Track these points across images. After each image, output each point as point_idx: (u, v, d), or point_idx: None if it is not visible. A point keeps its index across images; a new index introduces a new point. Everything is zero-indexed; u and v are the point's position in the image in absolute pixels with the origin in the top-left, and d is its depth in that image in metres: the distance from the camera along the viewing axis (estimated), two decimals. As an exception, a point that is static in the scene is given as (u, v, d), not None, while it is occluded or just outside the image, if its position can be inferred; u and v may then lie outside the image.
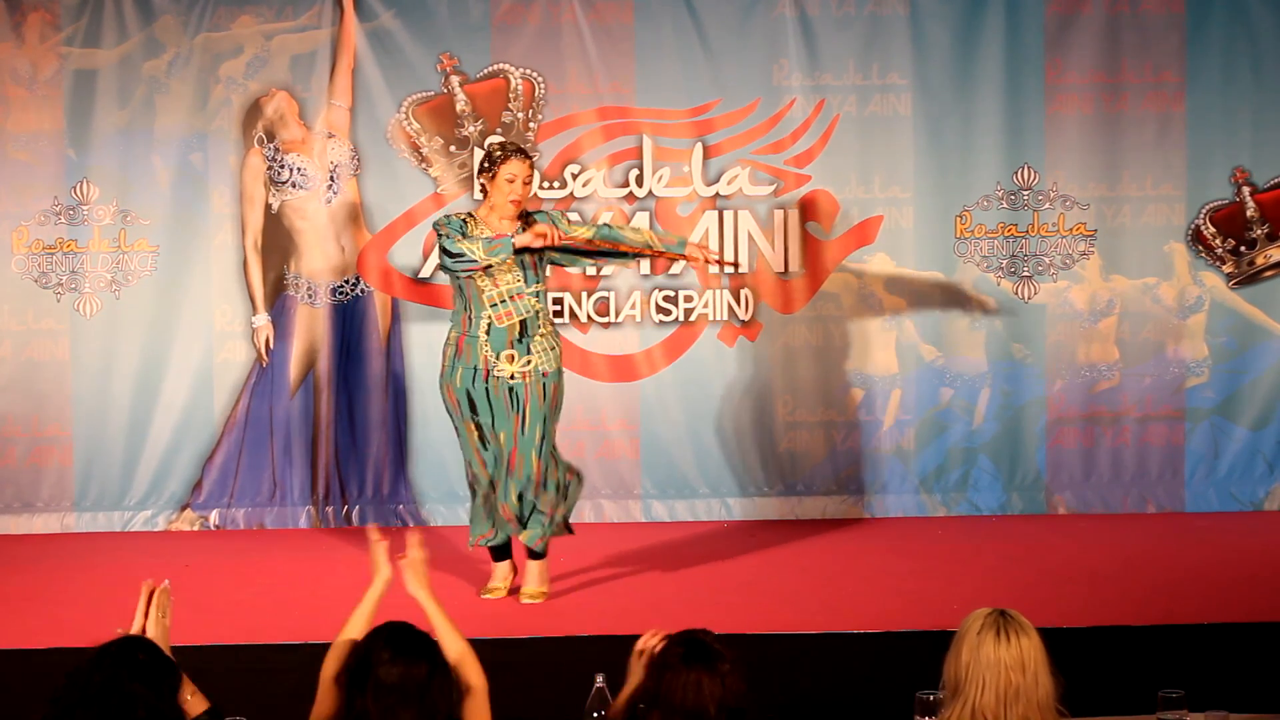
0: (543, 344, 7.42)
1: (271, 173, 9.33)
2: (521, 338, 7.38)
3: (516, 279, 7.37)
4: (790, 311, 9.44)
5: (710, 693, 4.10)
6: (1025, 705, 4.15)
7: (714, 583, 8.00)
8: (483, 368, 7.39)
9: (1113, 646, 6.68)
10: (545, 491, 7.47)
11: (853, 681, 6.51)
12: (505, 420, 7.41)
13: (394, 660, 4.10)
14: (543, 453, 7.43)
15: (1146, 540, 8.85)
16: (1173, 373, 9.54)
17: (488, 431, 7.43)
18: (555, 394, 7.47)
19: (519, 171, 7.39)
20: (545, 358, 7.43)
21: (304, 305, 9.38)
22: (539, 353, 7.42)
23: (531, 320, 7.38)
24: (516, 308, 7.37)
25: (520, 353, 7.39)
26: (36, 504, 9.37)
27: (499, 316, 7.37)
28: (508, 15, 9.37)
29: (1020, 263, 9.47)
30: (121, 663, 4.06)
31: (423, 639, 4.19)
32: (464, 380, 7.42)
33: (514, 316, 7.36)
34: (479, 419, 7.43)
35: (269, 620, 7.38)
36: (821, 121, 9.41)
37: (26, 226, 9.29)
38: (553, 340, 7.47)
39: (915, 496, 9.48)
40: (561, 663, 6.39)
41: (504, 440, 7.42)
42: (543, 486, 7.45)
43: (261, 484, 9.41)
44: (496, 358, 7.37)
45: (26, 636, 7.15)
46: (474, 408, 7.42)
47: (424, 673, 4.10)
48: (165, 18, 9.29)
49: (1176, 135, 9.49)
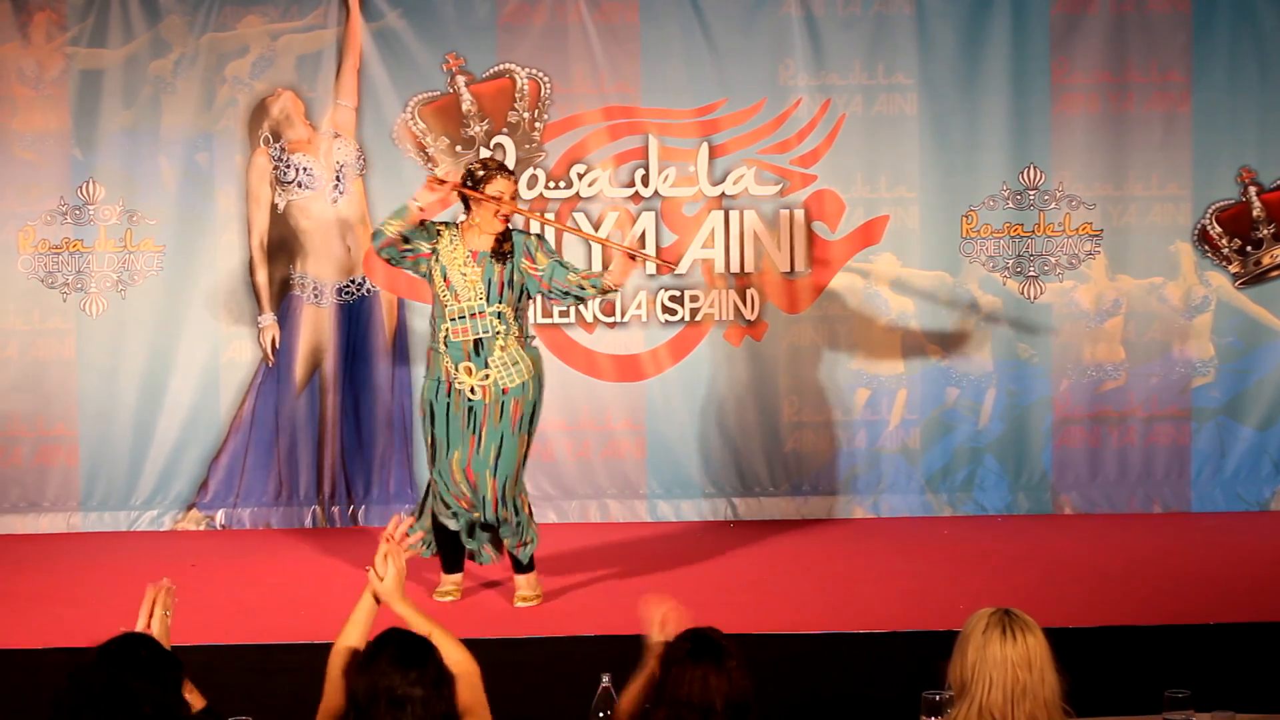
0: (503, 358, 7.38)
1: (277, 173, 9.33)
2: (478, 352, 7.37)
3: (478, 296, 7.35)
4: (796, 311, 9.44)
5: (717, 689, 4.11)
6: (1032, 703, 4.15)
7: (720, 582, 8.00)
8: (445, 379, 7.41)
9: (1119, 646, 6.67)
10: (506, 508, 7.45)
11: (859, 682, 6.51)
12: (459, 438, 7.41)
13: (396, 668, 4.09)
14: (498, 472, 7.40)
15: (1152, 540, 8.84)
16: (1179, 373, 9.53)
17: (440, 447, 7.44)
18: (517, 411, 7.42)
19: (505, 189, 7.40)
20: (505, 373, 7.39)
21: (310, 305, 9.38)
22: (498, 368, 7.38)
23: (489, 339, 7.36)
24: (473, 325, 7.35)
25: (478, 366, 7.38)
26: (42, 504, 9.38)
27: (454, 331, 7.37)
28: (513, 15, 9.37)
29: (1026, 262, 9.46)
30: (123, 661, 4.06)
31: (423, 645, 4.19)
32: (429, 391, 7.47)
33: (469, 334, 7.36)
34: (435, 433, 7.45)
35: (275, 620, 7.39)
36: (827, 121, 9.41)
37: (33, 226, 9.30)
38: (517, 356, 7.41)
39: (921, 496, 9.48)
40: (567, 662, 6.39)
41: (457, 460, 7.41)
42: (501, 503, 7.42)
43: (267, 484, 9.41)
44: (455, 369, 7.38)
45: (32, 636, 7.16)
46: (433, 421, 7.45)
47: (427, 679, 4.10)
48: (171, 18, 9.30)
49: (1182, 135, 9.48)
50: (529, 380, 7.42)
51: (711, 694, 4.10)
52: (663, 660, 4.20)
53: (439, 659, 4.15)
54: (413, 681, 4.06)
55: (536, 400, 7.47)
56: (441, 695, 4.09)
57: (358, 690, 4.10)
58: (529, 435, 7.49)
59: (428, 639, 4.22)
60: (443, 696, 4.10)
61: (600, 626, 7.14)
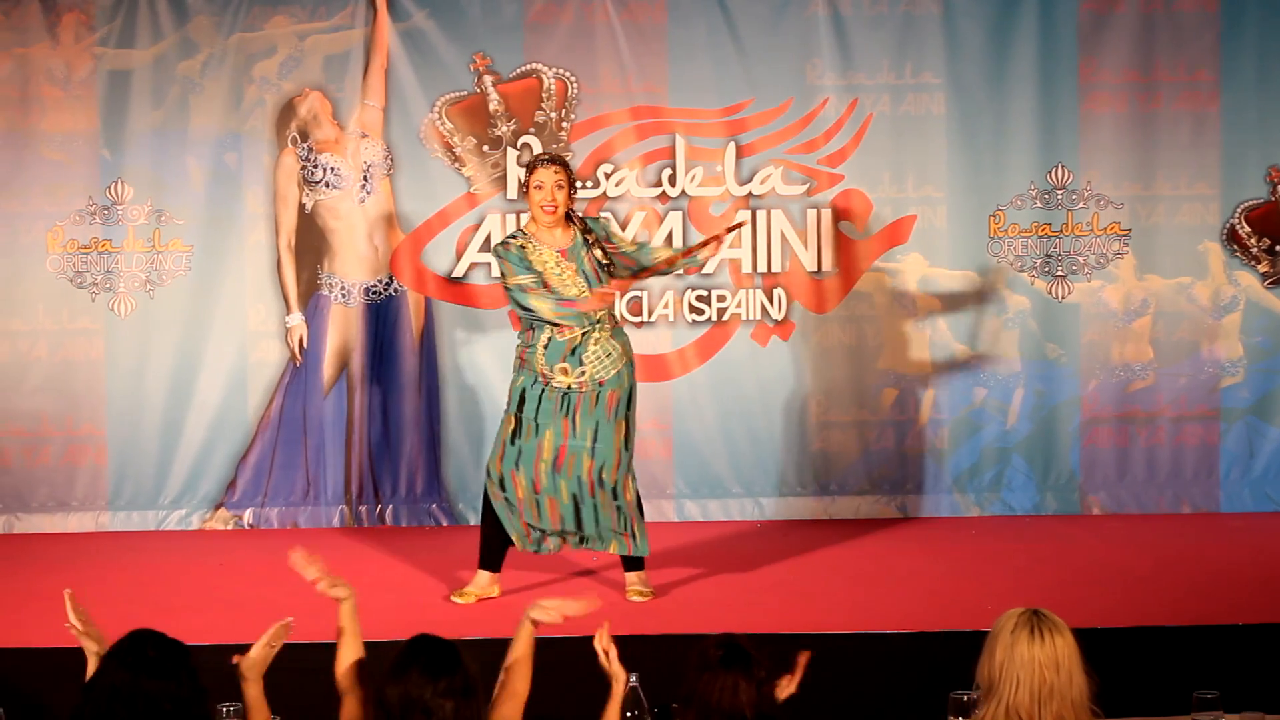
0: (597, 352, 7.44)
1: (305, 172, 9.35)
2: (574, 351, 7.42)
3: (581, 288, 7.43)
4: (823, 311, 9.43)
5: (747, 698, 4.11)
6: (1060, 703, 4.14)
7: (747, 583, 7.99)
8: (541, 378, 7.46)
9: (1147, 647, 6.65)
10: (604, 490, 7.48)
11: (886, 682, 6.50)
12: (550, 420, 7.44)
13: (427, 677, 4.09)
14: (596, 454, 7.44)
15: (1181, 541, 8.82)
16: (1207, 372, 9.50)
17: (527, 425, 7.45)
18: (612, 399, 7.47)
19: (545, 179, 7.44)
20: (599, 366, 7.45)
21: (337, 305, 9.40)
22: (592, 363, 7.44)
23: (586, 334, 7.42)
24: (578, 320, 7.41)
25: (573, 365, 7.43)
26: (71, 503, 9.40)
27: (559, 331, 7.42)
28: (540, 15, 9.37)
29: (1054, 262, 9.45)
30: (133, 664, 4.05)
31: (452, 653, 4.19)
32: (524, 382, 7.50)
33: (575, 330, 7.41)
34: (523, 414, 7.47)
35: (302, 619, 7.38)
36: (855, 121, 9.40)
37: (61, 226, 9.33)
38: (609, 347, 7.47)
39: (949, 496, 9.47)
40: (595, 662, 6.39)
41: (549, 439, 7.44)
42: (599, 485, 7.46)
43: (295, 483, 9.43)
44: (552, 370, 7.42)
45: (61, 636, 7.17)
46: (523, 404, 7.47)
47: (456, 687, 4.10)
48: (199, 18, 9.32)
49: (1211, 134, 9.45)
50: (623, 368, 7.50)
51: (741, 703, 4.10)
52: (693, 665, 4.21)
53: (467, 667, 4.16)
54: (443, 691, 4.07)
55: (631, 386, 7.54)
56: (469, 704, 4.10)
57: (390, 699, 4.10)
58: (627, 421, 7.52)
59: (455, 646, 4.22)
60: (470, 705, 4.10)
61: (628, 627, 7.13)
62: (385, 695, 4.10)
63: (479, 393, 9.39)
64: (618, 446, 7.47)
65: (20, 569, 8.51)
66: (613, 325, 7.53)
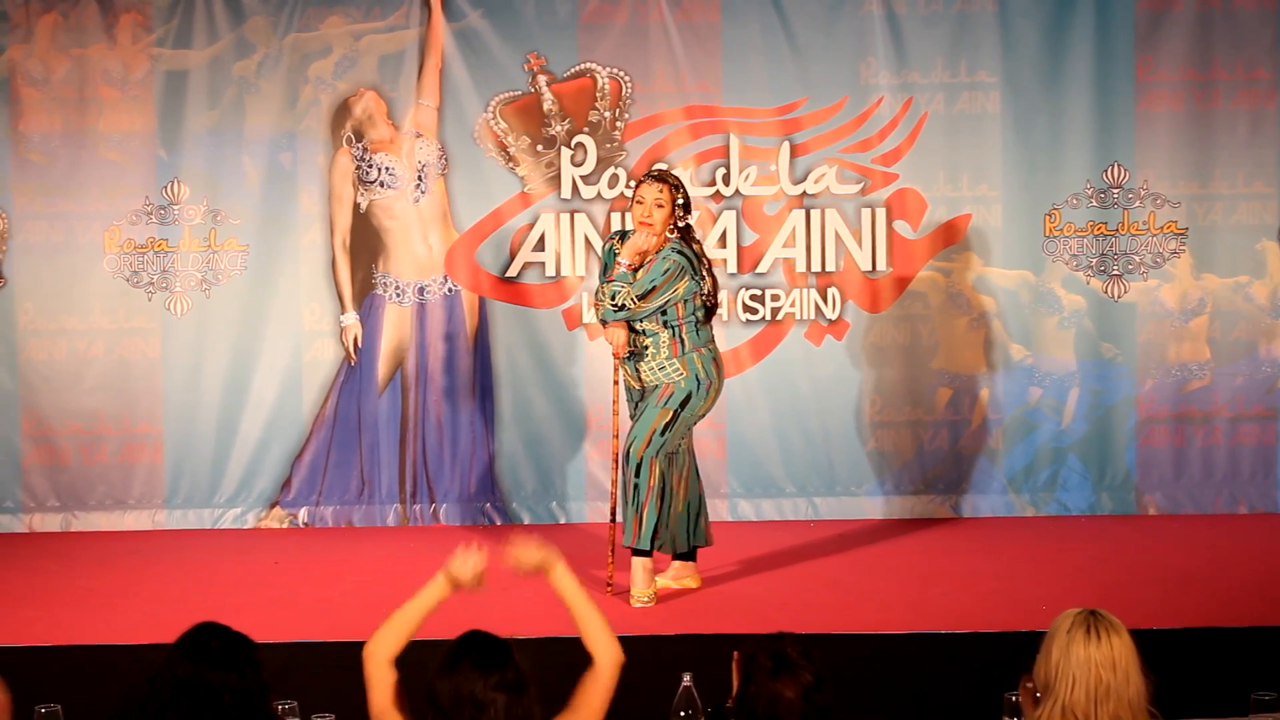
0: (650, 365, 7.66)
1: (360, 172, 9.38)
2: (630, 359, 7.71)
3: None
4: (877, 310, 9.41)
5: (797, 706, 4.09)
6: (1116, 703, 4.12)
7: (801, 582, 7.99)
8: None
9: (1205, 648, 6.62)
10: (628, 466, 7.61)
11: (940, 682, 6.49)
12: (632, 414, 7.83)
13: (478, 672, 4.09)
14: (633, 431, 7.63)
15: (1238, 541, 8.78)
16: (1265, 372, 9.45)
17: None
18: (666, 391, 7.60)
19: (645, 195, 7.65)
20: (654, 376, 7.67)
21: (392, 304, 9.42)
22: (647, 372, 7.68)
23: (638, 353, 7.67)
24: (632, 340, 7.68)
25: (632, 370, 7.73)
26: (128, 501, 9.46)
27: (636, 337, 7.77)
28: (594, 14, 9.38)
29: (1110, 261, 9.40)
30: (196, 655, 4.08)
31: (503, 647, 4.18)
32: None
33: (626, 349, 7.68)
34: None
35: (357, 617, 7.42)
36: (909, 119, 9.38)
37: (118, 226, 9.38)
38: (663, 362, 7.64)
39: (1004, 496, 9.43)
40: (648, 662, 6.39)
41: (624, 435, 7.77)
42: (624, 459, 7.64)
43: (350, 482, 9.46)
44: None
45: (118, 633, 7.22)
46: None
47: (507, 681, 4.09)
48: (255, 19, 9.36)
49: (1269, 133, 9.40)
50: (686, 377, 7.65)
51: (793, 711, 4.07)
52: (743, 671, 4.18)
53: (518, 662, 4.15)
54: (494, 686, 4.06)
55: (691, 390, 7.63)
56: (521, 699, 4.09)
57: (440, 694, 4.10)
58: (674, 413, 7.60)
59: (507, 642, 4.21)
60: (521, 700, 4.10)
61: (682, 626, 7.14)
62: (435, 690, 4.10)
63: (531, 392, 9.41)
64: (653, 427, 7.58)
65: (78, 566, 8.57)
66: (677, 348, 7.63)
